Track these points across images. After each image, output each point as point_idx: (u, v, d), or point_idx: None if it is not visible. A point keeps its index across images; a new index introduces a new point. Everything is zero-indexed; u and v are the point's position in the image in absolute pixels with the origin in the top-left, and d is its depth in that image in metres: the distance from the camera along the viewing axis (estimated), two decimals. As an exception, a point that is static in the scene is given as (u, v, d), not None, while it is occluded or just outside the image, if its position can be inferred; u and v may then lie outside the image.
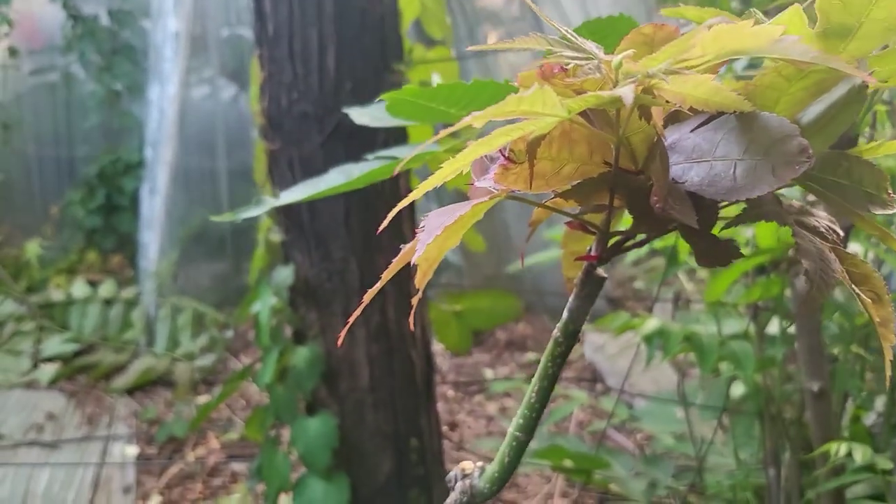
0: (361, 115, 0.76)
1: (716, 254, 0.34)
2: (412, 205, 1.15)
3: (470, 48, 0.26)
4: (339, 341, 0.98)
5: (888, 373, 0.35)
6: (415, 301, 0.43)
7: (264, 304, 1.13)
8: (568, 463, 1.40)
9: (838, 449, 0.82)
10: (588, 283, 0.38)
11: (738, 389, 1.47)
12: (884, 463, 0.84)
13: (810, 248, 0.34)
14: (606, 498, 1.66)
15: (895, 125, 0.76)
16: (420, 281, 0.42)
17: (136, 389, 2.14)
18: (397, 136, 1.02)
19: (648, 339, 1.01)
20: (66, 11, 2.71)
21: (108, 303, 2.33)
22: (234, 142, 2.67)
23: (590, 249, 0.38)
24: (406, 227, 1.10)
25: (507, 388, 2.06)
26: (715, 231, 0.35)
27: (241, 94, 2.74)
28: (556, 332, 0.40)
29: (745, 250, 1.17)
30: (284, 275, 1.10)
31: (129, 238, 2.63)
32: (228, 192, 2.61)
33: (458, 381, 2.18)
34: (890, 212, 0.35)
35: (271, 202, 0.66)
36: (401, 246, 0.37)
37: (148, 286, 2.33)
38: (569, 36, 0.27)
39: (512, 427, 0.44)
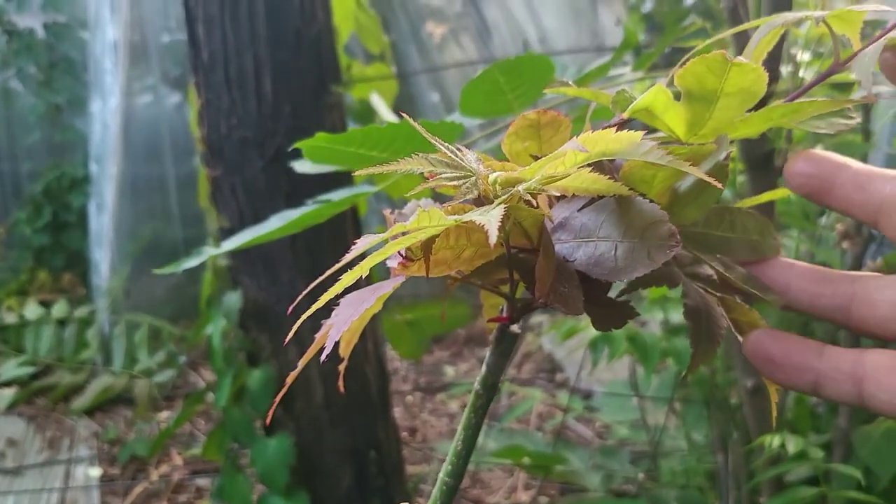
0: (302, 165, 0.77)
1: (611, 318, 0.36)
2: (358, 223, 1.17)
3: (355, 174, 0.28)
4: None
5: (774, 414, 0.38)
6: (342, 367, 0.45)
7: (216, 329, 1.13)
8: (526, 460, 1.44)
9: (772, 441, 0.87)
10: (503, 340, 0.40)
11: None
12: (815, 452, 0.88)
13: (698, 306, 0.36)
14: (568, 489, 1.70)
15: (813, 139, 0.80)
16: (345, 350, 0.44)
17: (95, 409, 2.12)
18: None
19: (593, 345, 1.04)
20: (0, 27, 2.65)
21: (62, 323, 2.30)
22: (181, 150, 2.64)
23: (502, 309, 0.41)
24: (350, 240, 1.12)
25: (469, 387, 2.09)
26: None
27: (185, 101, 2.71)
28: (476, 386, 0.42)
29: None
30: (233, 300, 1.11)
31: (80, 255, 2.59)
32: (178, 202, 2.59)
33: (418, 382, 2.21)
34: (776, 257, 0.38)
35: (210, 251, 0.67)
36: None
37: (101, 304, 2.31)
38: (449, 154, 0.29)
39: (441, 473, 0.46)
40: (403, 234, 0.29)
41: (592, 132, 0.29)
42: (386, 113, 1.06)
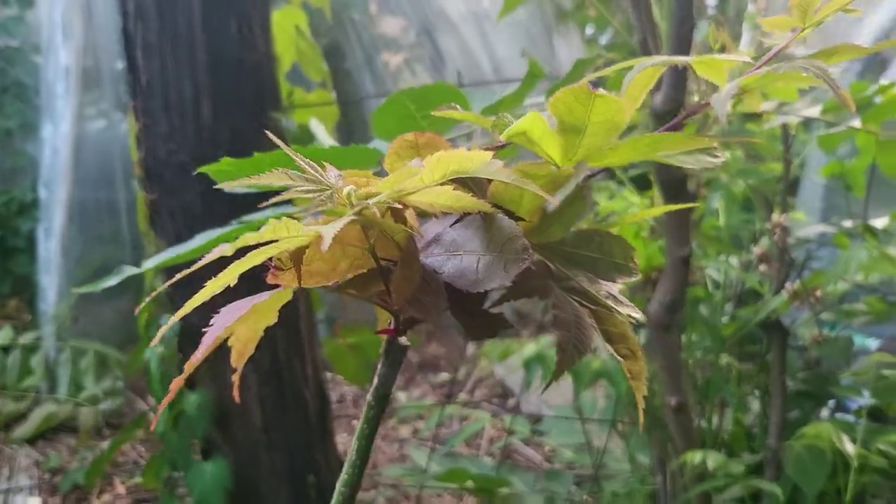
0: (232, 186, 0.79)
1: (483, 329, 0.38)
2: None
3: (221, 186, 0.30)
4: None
5: (641, 418, 0.40)
6: (235, 378, 0.46)
7: (153, 354, 1.13)
8: (470, 483, 1.44)
9: (695, 458, 0.89)
10: (391, 352, 0.42)
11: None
12: (735, 468, 0.91)
13: (567, 317, 0.38)
14: (515, 513, 1.71)
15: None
16: (237, 361, 0.45)
17: (38, 438, 2.08)
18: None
19: (527, 365, 1.06)
20: (-51, 50, 2.62)
21: (6, 350, 2.25)
22: (133, 175, 2.63)
23: (390, 322, 0.42)
24: (291, 268, 1.13)
25: (418, 410, 2.10)
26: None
27: (139, 127, 2.70)
28: (368, 397, 0.43)
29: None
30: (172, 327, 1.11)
31: (27, 281, 2.55)
32: (129, 228, 2.57)
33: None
34: (634, 279, 0.40)
35: (130, 271, 0.68)
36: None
37: (47, 330, 2.27)
38: (310, 170, 0.31)
39: (339, 483, 0.47)
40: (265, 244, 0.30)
41: (447, 152, 0.31)
42: (324, 137, 1.08)
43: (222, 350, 1.21)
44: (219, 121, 1.07)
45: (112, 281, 0.64)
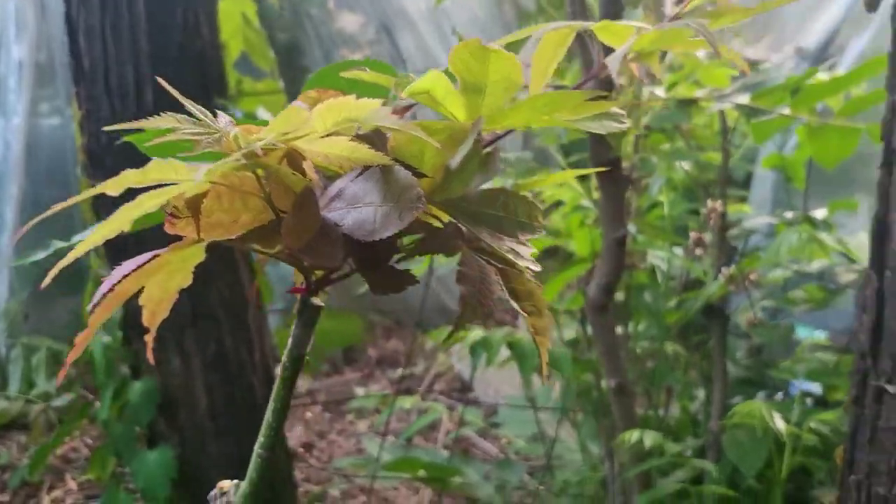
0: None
1: (389, 283, 0.39)
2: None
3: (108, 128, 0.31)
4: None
5: (545, 372, 0.42)
6: (149, 339, 0.46)
7: (97, 342, 1.12)
8: (422, 473, 1.45)
9: (632, 437, 0.91)
10: (305, 312, 0.43)
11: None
12: (672, 448, 0.93)
13: (472, 273, 0.40)
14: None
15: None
16: (149, 320, 0.45)
17: (-13, 436, 2.04)
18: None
19: (473, 350, 1.07)
20: None
21: (-46, 348, 2.21)
22: (87, 171, 2.59)
23: (302, 282, 0.43)
24: (237, 252, 1.13)
25: (374, 404, 2.10)
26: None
27: (94, 123, 2.66)
28: (283, 359, 0.44)
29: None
30: (114, 311, 1.10)
31: (-22, 278, 2.50)
32: (82, 224, 2.53)
33: (327, 400, 2.21)
34: (537, 235, 0.42)
35: (58, 245, 0.67)
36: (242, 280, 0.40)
37: (-2, 327, 2.23)
38: (200, 115, 0.31)
39: (256, 446, 0.48)
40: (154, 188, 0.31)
41: (336, 98, 0.32)
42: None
43: (165, 339, 1.20)
44: (162, 107, 1.05)
45: (41, 255, 0.64)
